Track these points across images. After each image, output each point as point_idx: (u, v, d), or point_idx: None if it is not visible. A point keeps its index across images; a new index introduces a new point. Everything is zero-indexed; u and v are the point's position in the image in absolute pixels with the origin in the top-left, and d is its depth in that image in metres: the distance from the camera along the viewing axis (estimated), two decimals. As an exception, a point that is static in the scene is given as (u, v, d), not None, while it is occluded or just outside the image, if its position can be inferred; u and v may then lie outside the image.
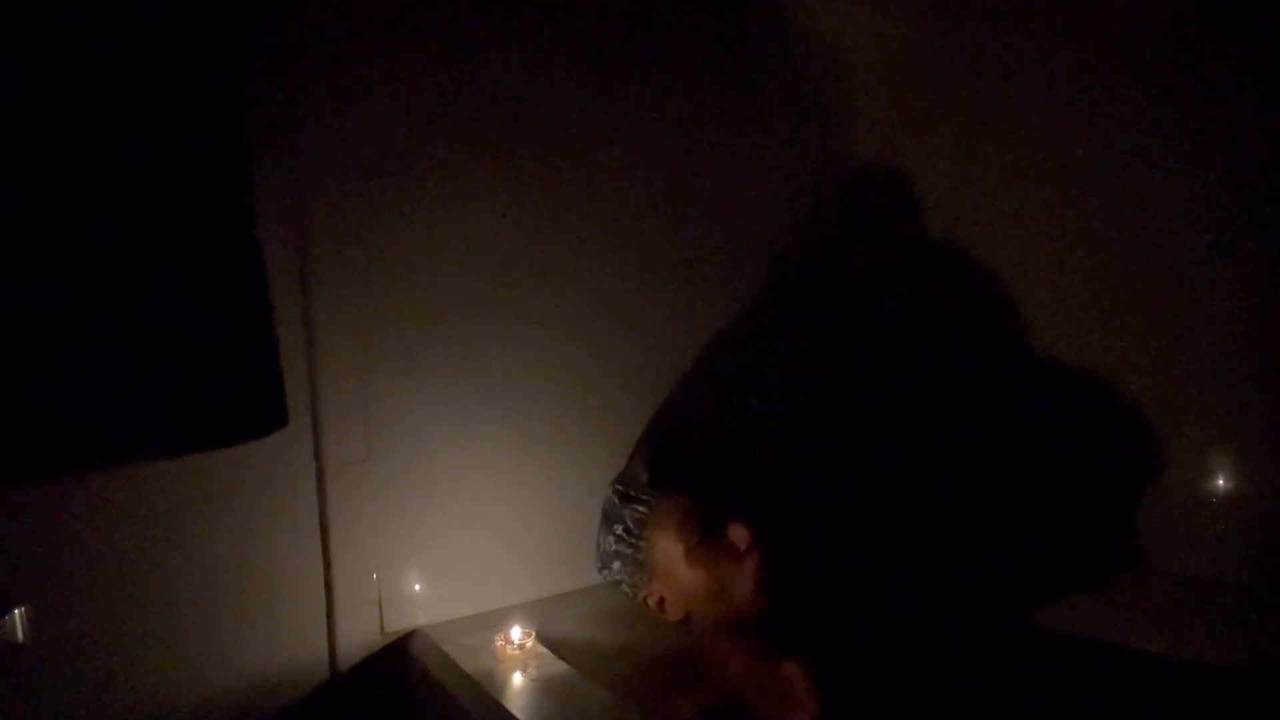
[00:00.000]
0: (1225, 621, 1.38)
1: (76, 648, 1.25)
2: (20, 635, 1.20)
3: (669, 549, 1.37)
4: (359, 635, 1.41)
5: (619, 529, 1.41)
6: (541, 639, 1.37)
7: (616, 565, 1.42)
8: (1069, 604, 1.51)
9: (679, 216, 1.64)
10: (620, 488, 1.45)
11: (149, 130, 1.19)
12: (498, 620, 1.40)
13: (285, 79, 1.33)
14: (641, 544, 1.39)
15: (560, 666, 1.31)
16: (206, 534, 1.32)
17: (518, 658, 1.33)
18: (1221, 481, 1.44)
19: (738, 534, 1.34)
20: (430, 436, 1.45)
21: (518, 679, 1.28)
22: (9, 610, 1.19)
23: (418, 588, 1.45)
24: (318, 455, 1.38)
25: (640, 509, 1.40)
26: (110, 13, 1.16)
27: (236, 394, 1.26)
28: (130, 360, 1.19)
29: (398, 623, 1.44)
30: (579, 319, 1.57)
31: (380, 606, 1.42)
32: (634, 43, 1.59)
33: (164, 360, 1.21)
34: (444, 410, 1.46)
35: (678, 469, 1.43)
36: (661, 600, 1.40)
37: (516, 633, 1.35)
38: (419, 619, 1.45)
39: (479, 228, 1.48)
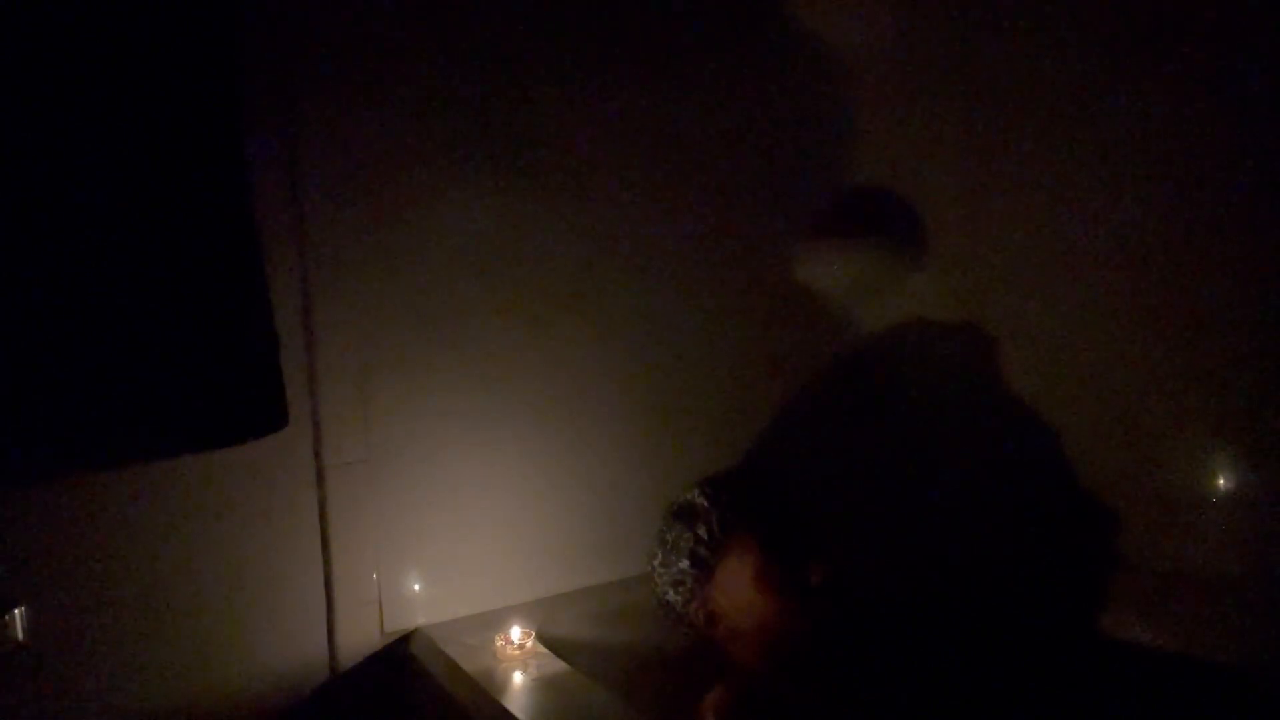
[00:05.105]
0: (1225, 621, 1.38)
1: (76, 648, 1.25)
2: (20, 635, 1.20)
3: (744, 566, 1.34)
4: (359, 635, 1.41)
5: (702, 530, 1.37)
6: (541, 639, 1.37)
7: (685, 564, 1.37)
8: (1070, 604, 1.51)
9: (678, 220, 1.64)
10: (710, 491, 1.40)
11: (150, 130, 1.19)
12: (498, 620, 1.40)
13: (285, 78, 1.33)
14: (717, 551, 1.36)
15: (560, 666, 1.31)
16: (207, 534, 1.32)
17: (518, 658, 1.33)
18: (1221, 481, 1.44)
19: (818, 574, 1.32)
20: (430, 436, 1.45)
21: (518, 679, 1.28)
22: (9, 610, 1.19)
23: (418, 588, 1.45)
24: (318, 455, 1.38)
25: (731, 516, 1.37)
26: (111, 12, 1.16)
27: (237, 394, 1.26)
28: (130, 360, 1.19)
29: (398, 623, 1.44)
30: (578, 319, 1.56)
31: (380, 606, 1.42)
32: (640, 47, 1.59)
33: (164, 360, 1.21)
34: (444, 410, 1.46)
35: (774, 494, 1.41)
36: (713, 614, 1.37)
37: (516, 633, 1.35)
38: (419, 619, 1.45)
39: (479, 228, 1.48)
